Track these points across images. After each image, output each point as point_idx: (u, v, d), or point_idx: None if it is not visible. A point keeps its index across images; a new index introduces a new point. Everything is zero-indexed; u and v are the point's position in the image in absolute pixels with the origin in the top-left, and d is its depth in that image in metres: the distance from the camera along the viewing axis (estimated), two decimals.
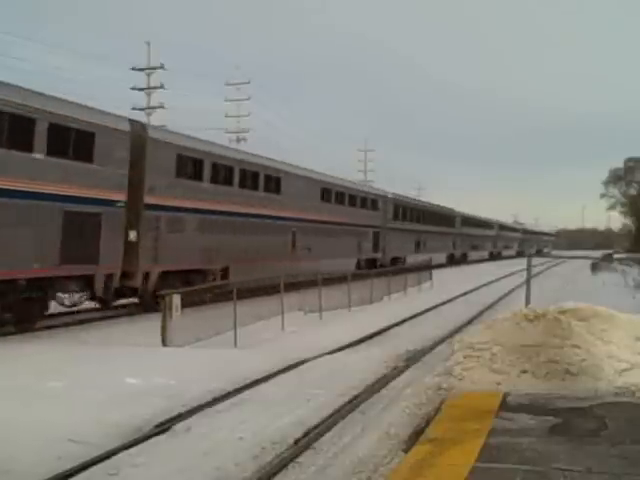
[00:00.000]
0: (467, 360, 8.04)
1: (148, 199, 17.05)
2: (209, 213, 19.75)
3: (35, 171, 13.46)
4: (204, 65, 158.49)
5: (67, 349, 11.92)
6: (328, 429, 7.53)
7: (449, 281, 32.00)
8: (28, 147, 13.38)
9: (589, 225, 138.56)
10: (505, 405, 6.66)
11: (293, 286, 18.83)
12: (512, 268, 41.68)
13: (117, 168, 15.84)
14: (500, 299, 24.11)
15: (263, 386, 9.57)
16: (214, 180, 20.18)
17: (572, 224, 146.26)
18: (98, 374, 9.44)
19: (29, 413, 7.42)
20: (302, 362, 11.22)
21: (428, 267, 32.32)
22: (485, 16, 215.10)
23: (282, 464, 6.32)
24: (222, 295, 16.08)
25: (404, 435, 6.60)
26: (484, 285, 31.28)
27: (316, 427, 7.56)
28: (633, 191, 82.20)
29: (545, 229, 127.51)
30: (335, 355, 12.30)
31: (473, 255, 63.68)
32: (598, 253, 75.46)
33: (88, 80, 43.98)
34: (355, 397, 9.08)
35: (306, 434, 7.29)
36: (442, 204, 54.69)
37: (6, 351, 11.38)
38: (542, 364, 7.65)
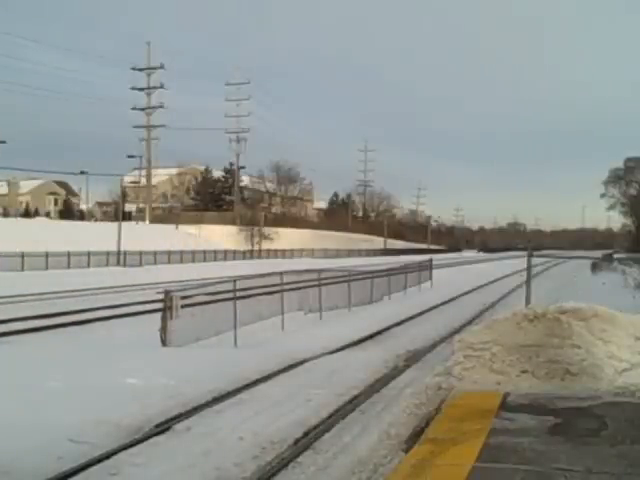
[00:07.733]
0: (467, 360, 8.03)
1: None
2: None
3: None
4: (204, 65, 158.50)
5: (67, 349, 11.91)
6: (328, 429, 7.54)
7: (449, 281, 32.05)
8: None
9: (589, 225, 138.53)
10: (505, 405, 6.65)
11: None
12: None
13: None
14: (500, 299, 24.14)
15: (263, 386, 9.57)
16: None
17: (572, 224, 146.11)
18: (98, 374, 9.43)
19: (29, 413, 7.41)
20: (302, 362, 11.22)
21: (428, 267, 32.36)
22: (485, 15, 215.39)
23: (282, 464, 6.32)
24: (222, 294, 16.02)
25: (404, 435, 6.60)
26: (484, 285, 31.34)
27: (316, 427, 7.57)
28: (633, 191, 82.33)
29: None
30: (335, 355, 12.30)
31: None
32: (598, 253, 75.47)
33: (88, 80, 43.95)
34: (355, 397, 9.08)
35: (306, 434, 7.29)
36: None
37: (6, 350, 11.38)
38: (542, 364, 7.64)
